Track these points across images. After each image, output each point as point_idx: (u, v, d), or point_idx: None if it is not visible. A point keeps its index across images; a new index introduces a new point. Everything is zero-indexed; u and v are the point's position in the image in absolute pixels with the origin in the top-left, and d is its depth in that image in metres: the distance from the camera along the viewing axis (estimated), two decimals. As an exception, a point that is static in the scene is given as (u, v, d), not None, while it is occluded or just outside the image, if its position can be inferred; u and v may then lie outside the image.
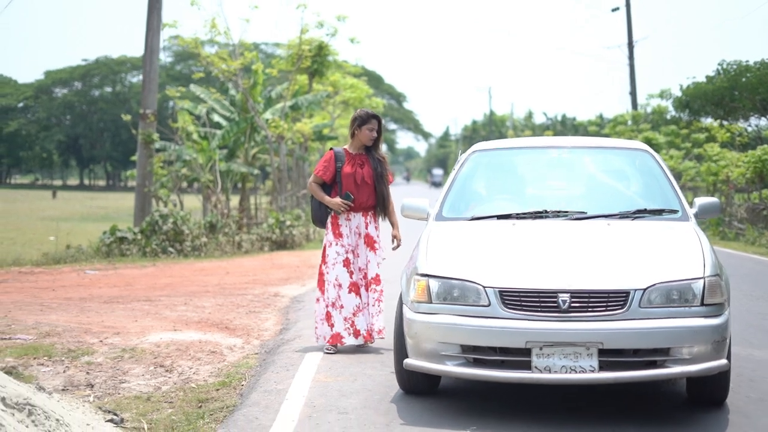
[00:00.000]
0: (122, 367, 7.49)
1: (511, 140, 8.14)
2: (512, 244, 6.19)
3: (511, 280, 5.64)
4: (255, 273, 15.19)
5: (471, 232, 6.55)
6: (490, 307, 5.59)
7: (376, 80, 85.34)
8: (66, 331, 8.95)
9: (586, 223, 6.50)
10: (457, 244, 6.33)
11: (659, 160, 7.31)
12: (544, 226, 6.48)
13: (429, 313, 5.78)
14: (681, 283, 5.59)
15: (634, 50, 49.50)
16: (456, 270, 5.83)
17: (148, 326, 9.31)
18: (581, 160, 7.66)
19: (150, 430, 5.65)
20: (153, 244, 18.44)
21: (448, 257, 6.06)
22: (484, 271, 5.74)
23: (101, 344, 8.31)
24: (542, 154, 7.80)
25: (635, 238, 6.26)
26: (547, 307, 5.50)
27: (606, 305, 5.48)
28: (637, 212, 6.65)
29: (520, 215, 6.66)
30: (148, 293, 12.29)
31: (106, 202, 64.84)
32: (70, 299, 11.77)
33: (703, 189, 33.24)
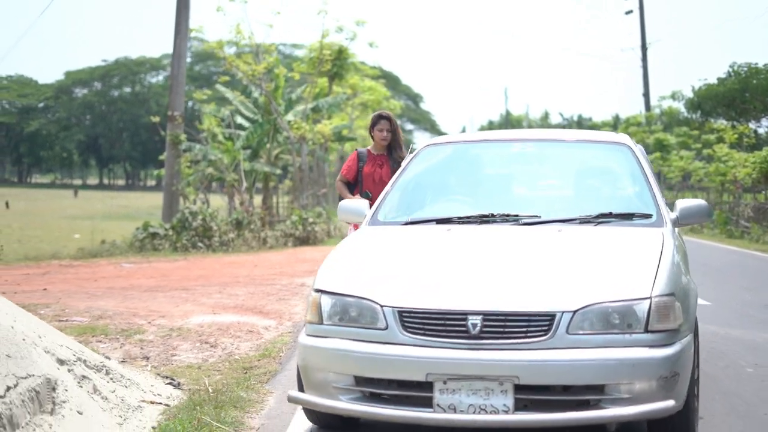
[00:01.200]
0: (171, 343, 8.44)
1: (470, 133, 7.20)
2: (432, 254, 5.29)
3: (413, 299, 4.68)
4: (281, 266, 16.17)
5: (396, 239, 5.67)
6: (388, 331, 4.62)
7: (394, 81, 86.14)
8: (116, 314, 9.92)
9: (535, 230, 5.51)
10: (368, 254, 5.42)
11: (639, 156, 6.25)
12: (484, 234, 5.55)
13: (319, 336, 4.85)
14: (621, 305, 4.53)
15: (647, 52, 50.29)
16: (352, 285, 4.87)
17: (189, 310, 10.28)
18: (547, 156, 6.70)
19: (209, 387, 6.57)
20: (183, 240, 19.45)
21: (348, 269, 5.15)
22: (384, 288, 4.80)
23: (149, 325, 9.27)
24: (503, 149, 6.82)
25: (585, 248, 5.23)
26: (454, 332, 4.52)
27: (526, 331, 4.48)
28: (600, 216, 5.61)
29: (462, 219, 5.74)
30: (184, 283, 13.26)
31: (127, 201, 65.84)
32: (112, 288, 12.75)
33: (712, 189, 34.02)
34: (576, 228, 5.52)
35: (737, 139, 31.29)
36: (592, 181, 6.39)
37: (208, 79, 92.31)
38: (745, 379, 6.88)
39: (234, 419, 5.62)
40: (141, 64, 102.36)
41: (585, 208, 5.82)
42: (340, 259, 5.34)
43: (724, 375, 7.04)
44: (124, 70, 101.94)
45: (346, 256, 5.41)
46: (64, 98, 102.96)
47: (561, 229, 5.49)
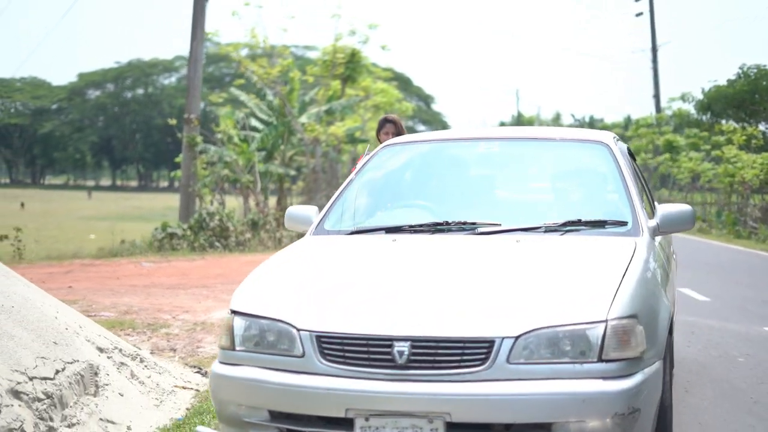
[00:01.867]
0: (196, 336, 8.90)
1: (433, 133, 6.50)
2: (366, 269, 4.64)
3: (332, 322, 4.03)
4: (296, 265, 16.61)
5: (333, 251, 5.01)
6: (305, 359, 3.98)
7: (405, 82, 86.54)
8: (141, 310, 10.40)
9: (490, 241, 4.86)
10: (295, 269, 4.74)
11: (618, 156, 5.55)
12: (433, 245, 4.91)
13: (231, 363, 4.23)
14: (571, 329, 3.85)
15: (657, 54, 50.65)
16: (269, 305, 4.22)
17: (211, 306, 10.76)
18: (515, 156, 6.04)
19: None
20: (201, 240, 19.96)
21: (268, 288, 4.46)
22: (303, 309, 4.15)
23: (174, 320, 9.75)
24: (467, 149, 6.11)
25: (542, 262, 4.56)
26: (378, 360, 3.88)
27: (459, 360, 3.83)
28: (567, 224, 4.94)
29: (414, 228, 5.09)
30: (204, 281, 13.75)
31: (140, 202, 66.52)
32: (135, 286, 13.24)
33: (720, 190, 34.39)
34: (538, 238, 4.85)
35: (746, 141, 31.66)
36: (564, 185, 5.69)
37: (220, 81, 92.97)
38: (736, 368, 7.37)
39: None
40: (154, 66, 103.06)
41: (552, 214, 5.16)
42: (263, 275, 4.61)
43: (717, 363, 7.49)
44: (136, 72, 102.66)
45: (270, 271, 4.68)
46: (78, 100, 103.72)
47: (520, 239, 4.81)
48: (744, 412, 5.97)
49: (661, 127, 46.67)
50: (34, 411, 4.83)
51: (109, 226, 31.58)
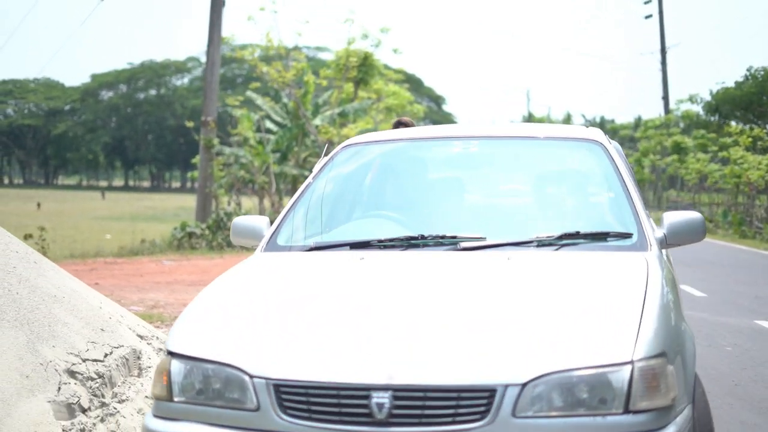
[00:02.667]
0: (221, 329, 9.49)
1: (401, 130, 5.66)
2: (331, 297, 3.79)
3: (294, 367, 3.25)
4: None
5: (289, 273, 4.20)
6: (260, 413, 3.24)
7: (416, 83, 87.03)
8: (168, 304, 11.01)
9: (477, 258, 4.11)
10: (244, 298, 3.88)
11: (615, 155, 4.82)
12: (407, 264, 4.13)
13: (168, 418, 3.45)
14: (590, 373, 3.13)
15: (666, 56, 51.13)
16: (214, 345, 3.44)
17: (234, 301, 11.36)
18: (498, 157, 5.28)
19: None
20: (219, 239, 20.61)
21: (212, 322, 3.63)
22: (257, 350, 3.36)
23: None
24: (442, 149, 5.33)
25: (540, 286, 3.77)
26: (353, 414, 3.15)
27: (454, 414, 3.10)
28: (564, 237, 4.19)
29: (384, 243, 4.30)
30: (224, 279, 14.34)
31: (153, 203, 67.24)
32: (158, 283, 13.86)
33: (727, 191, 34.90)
34: (531, 254, 4.12)
35: (752, 143, 32.16)
36: (555, 190, 4.97)
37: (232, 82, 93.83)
38: (723, 356, 8.00)
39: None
40: (166, 67, 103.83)
41: (545, 225, 4.45)
42: (206, 307, 3.76)
43: (706, 353, 8.08)
44: (149, 73, 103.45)
45: (215, 302, 3.81)
46: (91, 101, 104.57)
47: (511, 256, 4.05)
48: (725, 394, 6.58)
49: (669, 129, 47.14)
50: (87, 388, 5.44)
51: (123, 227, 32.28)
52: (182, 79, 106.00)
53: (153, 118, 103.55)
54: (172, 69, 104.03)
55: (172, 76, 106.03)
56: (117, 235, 25.39)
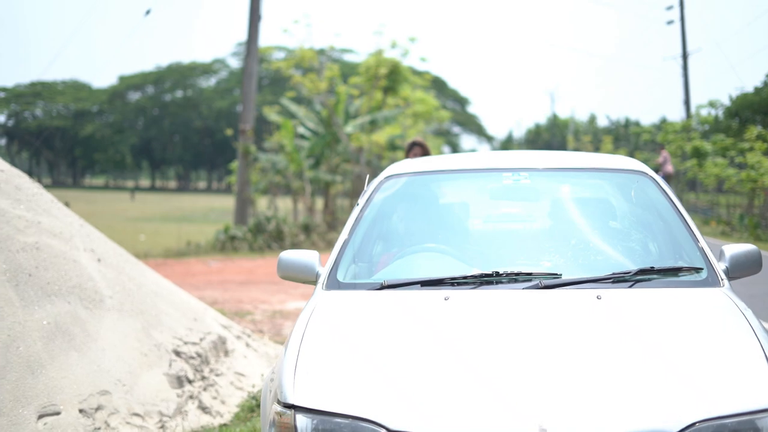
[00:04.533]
0: (277, 322, 10.77)
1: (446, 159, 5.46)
2: (444, 342, 3.60)
3: (438, 422, 3.10)
4: (348, 264, 18.52)
5: (376, 315, 3.97)
6: None
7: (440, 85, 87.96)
8: (225, 301, 12.29)
9: (563, 296, 3.96)
10: (351, 343, 3.70)
11: (666, 189, 4.78)
12: (497, 303, 3.95)
13: None
14: (740, 420, 3.10)
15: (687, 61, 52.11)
16: (343, 398, 3.28)
17: (284, 299, 12.65)
18: (547, 190, 5.17)
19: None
20: (259, 241, 21.94)
21: (333, 371, 3.46)
22: (394, 403, 3.21)
23: (255, 309, 11.62)
24: (489, 181, 5.14)
25: (647, 326, 3.71)
26: None
27: None
28: (639, 273, 4.10)
29: (456, 280, 4.11)
30: (269, 278, 15.64)
31: (181, 203, 68.60)
32: (210, 282, 15.15)
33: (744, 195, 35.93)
34: (617, 293, 3.97)
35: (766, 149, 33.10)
36: (613, 224, 4.88)
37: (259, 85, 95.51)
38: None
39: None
40: (192, 69, 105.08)
41: (613, 261, 4.39)
42: (313, 357, 3.56)
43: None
44: (175, 75, 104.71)
45: (320, 351, 3.62)
46: (118, 102, 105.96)
47: (600, 295, 3.92)
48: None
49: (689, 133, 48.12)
50: (190, 365, 6.72)
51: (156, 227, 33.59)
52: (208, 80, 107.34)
53: (179, 120, 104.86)
54: (199, 71, 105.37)
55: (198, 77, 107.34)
56: (150, 237, 26.69)
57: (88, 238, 7.36)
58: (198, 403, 6.44)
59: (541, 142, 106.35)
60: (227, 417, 6.50)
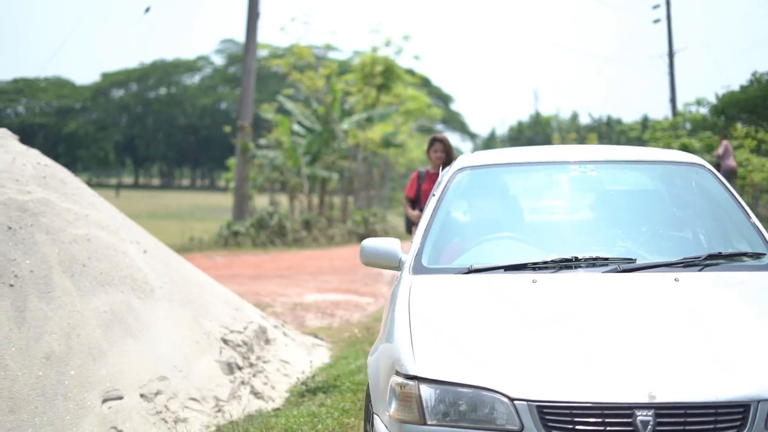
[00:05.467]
0: (298, 314, 11.01)
1: (514, 152, 5.72)
2: (544, 319, 3.93)
3: (555, 389, 3.45)
4: (353, 259, 18.77)
5: (472, 295, 4.29)
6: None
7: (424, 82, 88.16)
8: (242, 294, 12.47)
9: (642, 279, 4.28)
10: (457, 321, 4.01)
11: (723, 180, 5.07)
12: (582, 285, 4.27)
13: None
14: None
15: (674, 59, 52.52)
16: (464, 370, 3.59)
17: (300, 292, 12.89)
18: (613, 180, 5.44)
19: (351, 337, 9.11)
20: (262, 237, 22.18)
21: (447, 346, 3.79)
22: (510, 372, 3.54)
23: (274, 302, 11.85)
24: (557, 172, 5.43)
25: (725, 304, 4.14)
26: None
27: (713, 429, 3.34)
28: (709, 258, 4.44)
29: (538, 265, 4.42)
30: (279, 272, 15.88)
31: (166, 201, 68.51)
32: (221, 276, 15.33)
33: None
34: (691, 276, 4.31)
35: (757, 145, 33.50)
36: (677, 212, 5.17)
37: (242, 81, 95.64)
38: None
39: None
40: (176, 66, 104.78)
41: (682, 246, 4.80)
42: (428, 332, 3.88)
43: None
44: (159, 72, 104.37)
45: (434, 327, 3.94)
46: (101, 99, 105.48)
47: (678, 277, 4.25)
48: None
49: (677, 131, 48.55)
50: (238, 353, 6.97)
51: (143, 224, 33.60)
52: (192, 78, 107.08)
53: (163, 117, 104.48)
54: (182, 68, 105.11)
55: (182, 74, 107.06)
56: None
57: (131, 231, 7.59)
58: (250, 388, 6.69)
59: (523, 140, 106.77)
60: (279, 402, 6.76)
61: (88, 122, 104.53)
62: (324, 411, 6.19)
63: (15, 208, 6.49)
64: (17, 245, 6.21)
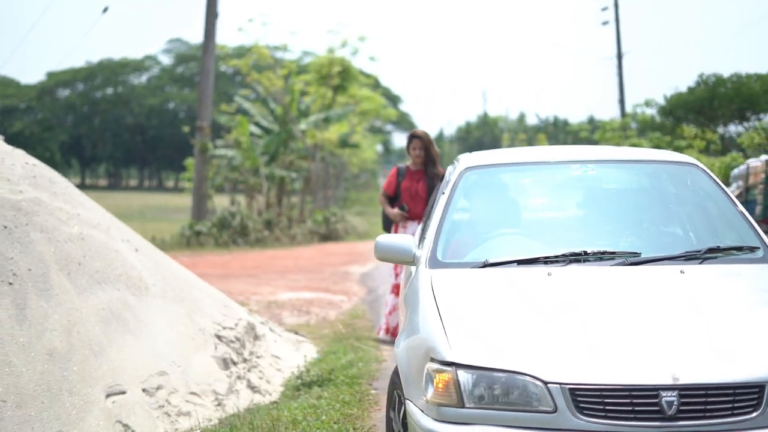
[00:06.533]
0: (274, 311, 11.14)
1: (517, 152, 6.09)
2: (567, 307, 4.18)
3: (586, 372, 3.68)
4: (318, 258, 18.93)
5: (493, 287, 4.55)
6: (557, 415, 3.65)
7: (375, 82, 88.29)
8: (215, 293, 12.60)
9: (649, 271, 4.59)
10: (483, 310, 4.27)
11: (715, 178, 5.35)
12: (596, 277, 4.56)
13: (460, 422, 3.78)
14: None
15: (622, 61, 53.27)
16: (498, 355, 3.83)
17: (272, 290, 13.03)
18: (612, 179, 5.73)
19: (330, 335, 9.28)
20: (224, 237, 22.23)
21: (479, 333, 4.02)
22: (543, 357, 3.79)
23: (248, 300, 11.98)
24: (559, 172, 5.67)
25: (733, 292, 4.50)
26: (644, 412, 3.61)
27: (731, 408, 3.62)
28: (709, 251, 4.75)
29: (549, 259, 4.68)
30: (246, 272, 15.98)
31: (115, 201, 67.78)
32: (189, 275, 15.41)
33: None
34: (695, 268, 4.62)
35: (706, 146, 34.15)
36: (674, 209, 5.46)
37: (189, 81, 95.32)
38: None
39: (370, 345, 8.47)
40: (124, 66, 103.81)
41: (682, 241, 5.12)
42: (460, 321, 4.11)
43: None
44: (106, 72, 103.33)
45: (458, 314, 4.18)
46: (47, 99, 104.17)
47: (683, 269, 4.57)
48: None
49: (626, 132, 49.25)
50: (231, 348, 7.11)
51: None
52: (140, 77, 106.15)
53: (110, 117, 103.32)
54: (130, 68, 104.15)
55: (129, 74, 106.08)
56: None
57: (120, 230, 7.69)
58: (247, 382, 6.85)
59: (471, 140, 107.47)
60: (275, 396, 6.92)
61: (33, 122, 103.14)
62: (325, 403, 6.37)
63: (9, 208, 6.56)
64: (14, 244, 6.28)
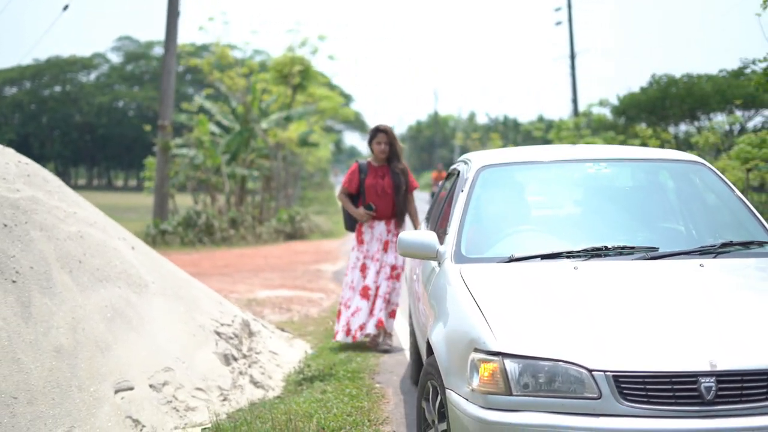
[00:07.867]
0: (255, 309, 11.21)
1: (532, 151, 6.28)
2: (600, 299, 4.37)
3: (629, 360, 3.84)
4: (287, 257, 18.96)
5: (523, 280, 4.69)
6: (602, 401, 3.78)
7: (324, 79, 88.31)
8: (192, 291, 12.63)
9: (670, 264, 4.79)
10: (519, 302, 4.40)
11: (722, 176, 5.61)
12: (621, 270, 4.72)
13: (508, 410, 3.89)
14: None
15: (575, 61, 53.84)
16: (543, 345, 3.97)
17: (249, 289, 13.07)
18: (625, 177, 5.99)
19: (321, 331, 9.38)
20: (190, 236, 22.17)
21: (521, 324, 4.15)
22: (586, 346, 3.93)
23: (227, 298, 11.97)
24: (574, 170, 5.87)
25: (753, 283, 4.74)
26: (684, 397, 3.76)
27: (767, 391, 3.79)
28: (723, 246, 4.98)
29: (571, 254, 4.86)
30: (218, 271, 15.99)
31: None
32: (160, 274, 15.40)
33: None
34: (713, 261, 4.84)
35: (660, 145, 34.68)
36: (685, 206, 5.70)
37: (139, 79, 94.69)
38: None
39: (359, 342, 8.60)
40: (72, 64, 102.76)
41: (696, 236, 5.37)
42: (494, 311, 4.24)
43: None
44: (54, 70, 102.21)
45: (496, 305, 4.32)
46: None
47: (702, 263, 4.78)
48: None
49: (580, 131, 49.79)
50: (230, 344, 7.19)
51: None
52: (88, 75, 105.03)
53: (58, 115, 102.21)
54: (78, 65, 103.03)
55: (78, 72, 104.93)
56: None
57: (115, 228, 7.73)
58: (250, 378, 6.94)
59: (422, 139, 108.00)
60: (278, 390, 7.02)
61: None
62: (332, 397, 6.48)
63: (8, 206, 6.59)
64: (14, 242, 6.32)
